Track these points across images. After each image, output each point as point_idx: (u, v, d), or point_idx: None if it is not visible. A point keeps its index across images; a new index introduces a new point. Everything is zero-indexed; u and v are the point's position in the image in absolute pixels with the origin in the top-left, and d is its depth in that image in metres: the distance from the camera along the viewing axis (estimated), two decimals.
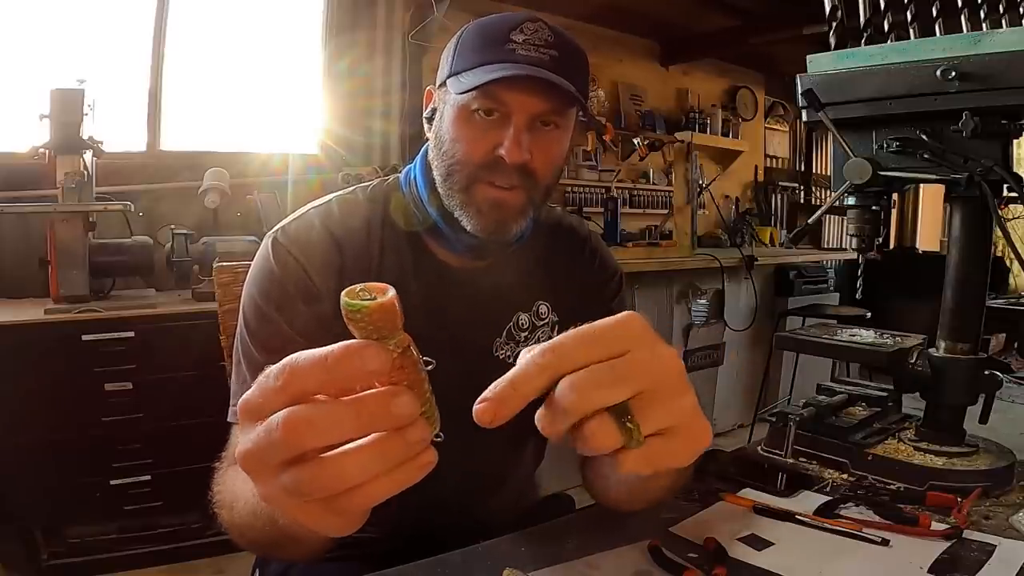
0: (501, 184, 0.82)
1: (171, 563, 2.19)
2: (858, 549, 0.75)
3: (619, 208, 4.10)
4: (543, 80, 0.78)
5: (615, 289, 1.02)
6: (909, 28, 0.99)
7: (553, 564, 0.71)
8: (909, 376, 1.02)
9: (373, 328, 0.37)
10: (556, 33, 0.82)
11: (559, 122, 0.84)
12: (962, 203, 0.96)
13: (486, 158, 0.82)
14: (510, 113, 0.80)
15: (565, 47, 0.82)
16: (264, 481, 0.39)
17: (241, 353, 0.85)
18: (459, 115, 0.82)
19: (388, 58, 3.26)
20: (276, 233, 0.87)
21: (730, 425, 3.84)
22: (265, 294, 0.84)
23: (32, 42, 2.56)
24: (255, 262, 0.87)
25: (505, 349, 0.94)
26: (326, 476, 0.36)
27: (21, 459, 2.02)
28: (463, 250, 0.89)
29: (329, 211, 0.89)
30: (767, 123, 5.50)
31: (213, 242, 2.49)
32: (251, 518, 0.63)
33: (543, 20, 0.82)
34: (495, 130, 0.81)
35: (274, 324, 0.82)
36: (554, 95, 0.80)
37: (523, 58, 0.79)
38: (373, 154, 3.19)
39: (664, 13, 4.13)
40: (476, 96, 0.80)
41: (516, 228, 0.85)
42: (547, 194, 0.89)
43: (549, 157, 0.84)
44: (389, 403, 0.36)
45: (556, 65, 0.80)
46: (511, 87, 0.79)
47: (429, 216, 0.89)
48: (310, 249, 0.85)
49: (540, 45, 0.80)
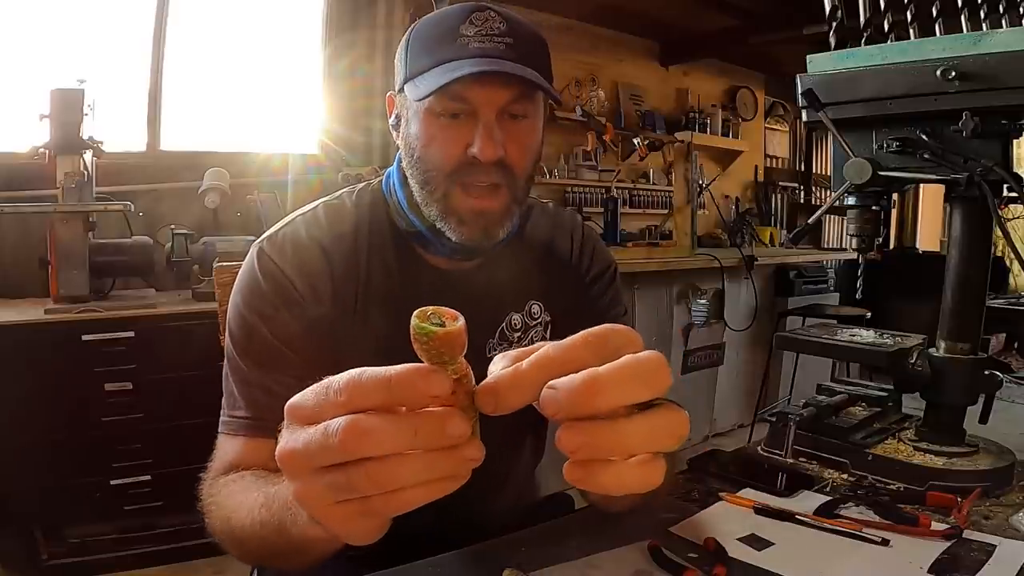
0: (481, 183, 0.80)
1: (171, 563, 2.18)
2: (858, 549, 0.75)
3: (619, 208, 4.11)
4: (501, 71, 0.76)
5: (608, 281, 1.01)
6: (909, 28, 0.99)
7: (553, 564, 0.71)
8: (909, 376, 1.02)
9: (436, 353, 0.38)
10: (508, 19, 0.79)
11: (528, 110, 0.81)
12: (962, 203, 0.96)
13: (460, 161, 0.79)
14: (476, 110, 0.78)
15: (519, 32, 0.78)
16: (304, 479, 0.40)
17: (228, 364, 0.85)
18: (424, 120, 0.80)
19: (388, 58, 3.25)
20: (262, 243, 0.86)
21: (730, 425, 3.84)
22: (249, 304, 0.83)
23: (32, 42, 2.56)
24: (241, 271, 0.87)
25: (498, 350, 0.94)
26: (379, 475, 0.37)
27: (21, 459, 2.01)
28: (450, 252, 0.88)
29: (315, 218, 0.88)
30: (767, 123, 5.50)
31: (213, 242, 2.49)
32: (256, 527, 0.62)
33: (491, 7, 0.79)
34: (463, 130, 0.79)
35: (258, 334, 0.82)
36: (517, 84, 0.78)
37: (478, 51, 0.76)
38: (373, 154, 3.20)
39: (664, 13, 4.13)
40: (438, 99, 0.77)
41: (503, 231, 0.84)
42: (528, 186, 0.87)
43: (523, 148, 0.82)
44: (445, 425, 0.37)
45: (513, 53, 0.77)
46: (471, 83, 0.76)
47: (412, 224, 0.87)
48: (296, 258, 0.84)
49: (493, 35, 0.77)
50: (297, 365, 0.80)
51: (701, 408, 3.65)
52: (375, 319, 0.86)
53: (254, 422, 0.80)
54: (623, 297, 1.03)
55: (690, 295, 3.45)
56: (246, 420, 0.81)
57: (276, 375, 0.80)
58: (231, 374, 0.84)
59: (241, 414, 0.81)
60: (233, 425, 0.82)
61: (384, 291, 0.87)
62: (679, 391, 3.44)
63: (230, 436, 0.82)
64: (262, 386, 0.80)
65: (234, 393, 0.83)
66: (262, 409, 0.80)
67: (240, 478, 0.74)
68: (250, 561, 0.73)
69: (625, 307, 1.03)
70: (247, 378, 0.82)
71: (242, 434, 0.81)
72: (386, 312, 0.86)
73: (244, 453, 0.79)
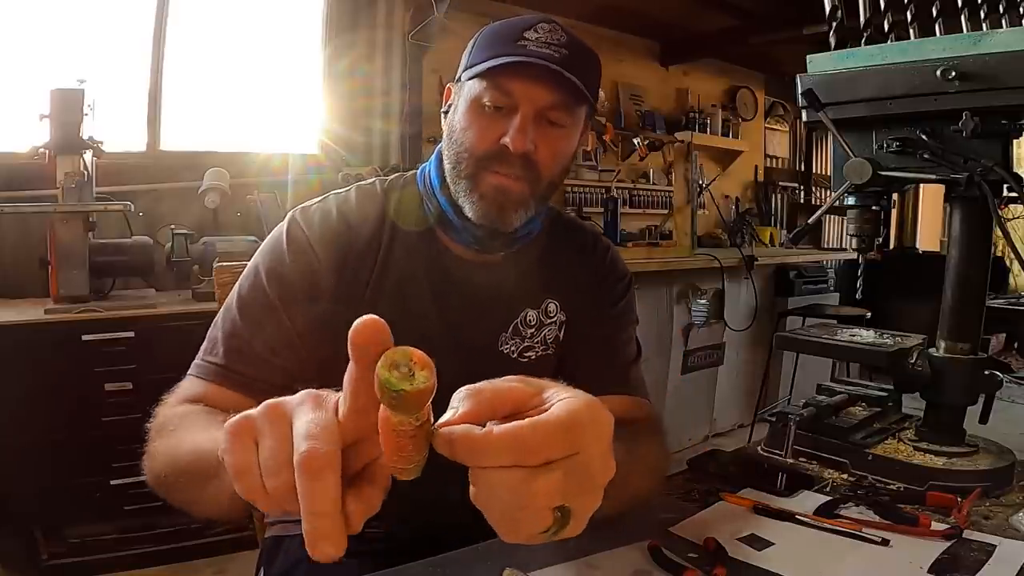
0: (505, 173, 0.84)
1: (171, 563, 2.18)
2: (858, 549, 0.75)
3: (619, 208, 4.10)
4: (550, 72, 0.80)
5: (622, 292, 1.03)
6: (909, 28, 0.99)
7: (553, 564, 0.71)
8: (909, 376, 1.02)
9: (402, 407, 0.36)
10: (569, 35, 0.84)
11: (566, 121, 0.85)
12: (962, 203, 0.96)
13: (492, 147, 0.83)
14: (517, 105, 0.82)
15: (577, 47, 0.83)
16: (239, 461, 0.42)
17: (221, 315, 0.87)
18: (470, 107, 0.85)
19: (388, 58, 3.26)
20: (296, 211, 0.91)
21: (730, 425, 3.84)
22: (267, 262, 0.87)
23: (32, 42, 2.56)
24: (271, 235, 0.90)
25: (510, 344, 0.95)
26: None
27: (21, 459, 2.01)
28: (471, 241, 0.91)
29: (347, 198, 0.92)
30: (767, 123, 5.50)
31: (213, 242, 2.49)
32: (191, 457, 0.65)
33: (558, 22, 0.84)
34: (502, 122, 0.83)
35: (263, 292, 0.84)
36: (561, 88, 0.82)
37: (533, 52, 0.81)
38: (373, 154, 3.19)
39: (664, 13, 4.13)
40: (485, 88, 0.82)
41: (516, 218, 0.87)
42: (551, 190, 0.90)
43: (553, 152, 0.86)
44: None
45: (565, 61, 0.81)
46: (518, 78, 0.81)
47: (439, 205, 0.91)
48: (322, 228, 0.88)
49: (552, 43, 0.82)
50: (288, 332, 0.83)
51: (701, 408, 3.65)
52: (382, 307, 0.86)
53: (226, 371, 0.82)
54: (636, 307, 1.05)
55: (690, 295, 3.45)
56: (220, 368, 0.82)
57: (264, 336, 0.83)
58: (221, 323, 0.86)
59: (215, 360, 0.83)
60: (204, 369, 0.83)
61: (404, 273, 0.90)
62: (679, 391, 3.45)
63: (197, 379, 0.83)
64: (246, 342, 0.83)
65: (216, 339, 0.84)
66: (237, 363, 0.82)
67: (197, 411, 0.76)
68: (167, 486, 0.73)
69: (637, 318, 1.05)
70: (235, 328, 0.84)
71: (210, 379, 0.82)
72: (401, 294, 0.89)
73: (207, 395, 0.81)
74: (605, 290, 1.01)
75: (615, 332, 0.99)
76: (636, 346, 1.02)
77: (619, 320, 1.00)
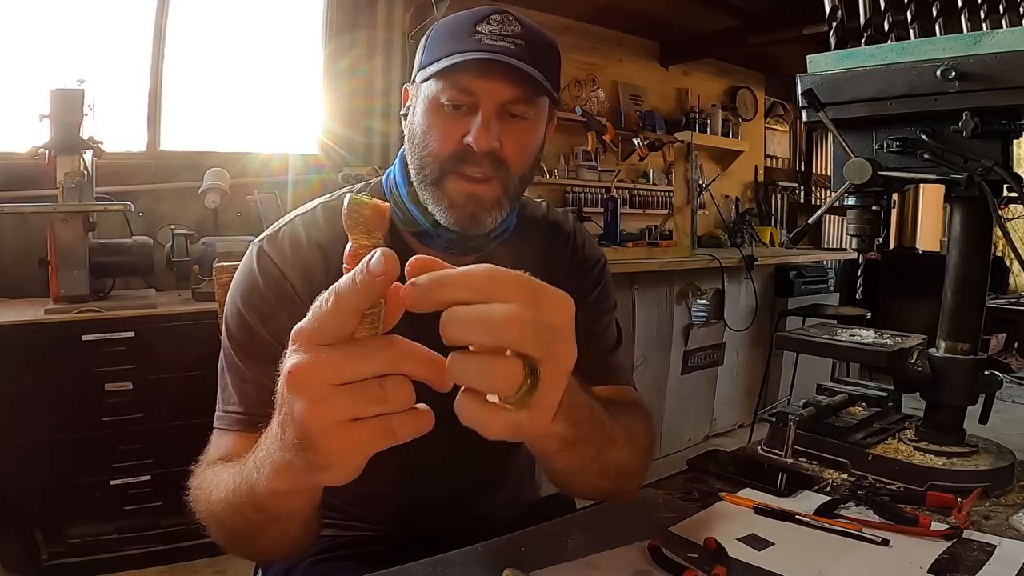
0: (473, 175, 0.81)
1: (171, 563, 2.19)
2: (858, 549, 0.75)
3: (619, 208, 4.10)
4: (509, 67, 0.77)
5: (596, 279, 1.01)
6: (909, 28, 0.99)
7: (553, 564, 0.71)
8: (909, 376, 1.02)
9: (364, 223, 0.43)
10: (524, 24, 0.81)
11: (529, 113, 0.83)
12: (962, 203, 0.96)
13: (456, 148, 0.81)
14: (478, 103, 0.80)
15: (533, 37, 0.81)
16: (322, 394, 0.43)
17: (224, 360, 0.85)
18: (428, 108, 0.82)
19: (388, 58, 3.26)
20: (261, 242, 0.87)
21: (730, 425, 3.84)
22: (248, 303, 0.84)
23: (32, 42, 2.56)
24: (239, 270, 0.88)
25: None
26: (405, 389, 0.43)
27: (21, 459, 2.01)
28: (446, 246, 0.88)
29: (314, 218, 0.89)
30: (767, 123, 5.50)
31: (213, 242, 2.49)
32: (231, 496, 0.64)
33: (511, 12, 0.81)
34: (463, 121, 0.81)
35: (256, 332, 0.82)
36: (520, 82, 0.79)
37: (488, 47, 0.78)
38: (373, 154, 3.19)
39: (664, 13, 4.13)
40: (443, 88, 0.80)
41: (491, 220, 0.85)
42: (523, 185, 0.87)
43: (520, 146, 0.83)
44: None
45: (523, 53, 0.79)
46: (477, 75, 0.79)
47: (409, 213, 0.88)
48: (295, 258, 0.85)
49: (507, 35, 0.79)
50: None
51: (701, 408, 3.65)
52: None
53: (247, 417, 0.81)
54: (613, 290, 1.03)
55: (690, 295, 3.45)
56: (240, 416, 0.81)
57: (272, 371, 0.81)
58: (227, 370, 0.84)
59: (234, 409, 0.82)
60: (227, 420, 0.82)
61: None
62: (679, 391, 3.45)
63: (223, 432, 0.82)
64: (256, 381, 0.81)
65: (228, 388, 0.83)
66: (255, 405, 0.80)
67: (226, 466, 0.74)
68: (230, 542, 0.73)
69: (615, 300, 1.03)
70: (243, 374, 0.83)
71: (235, 429, 0.81)
72: None
73: (236, 448, 0.79)
74: (578, 279, 0.99)
75: (592, 321, 0.97)
76: (616, 331, 1.00)
77: (596, 308, 0.98)
